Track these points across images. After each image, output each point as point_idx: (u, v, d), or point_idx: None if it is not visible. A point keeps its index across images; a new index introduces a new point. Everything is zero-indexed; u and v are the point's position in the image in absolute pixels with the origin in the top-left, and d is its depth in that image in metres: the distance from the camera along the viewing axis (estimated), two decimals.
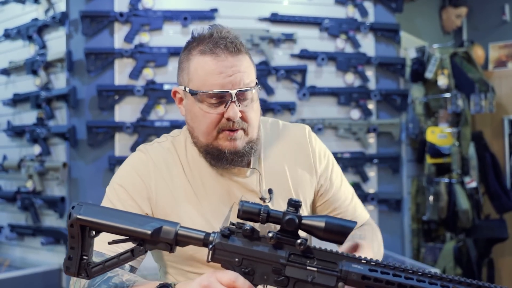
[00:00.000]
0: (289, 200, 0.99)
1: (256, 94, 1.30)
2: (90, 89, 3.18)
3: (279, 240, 0.99)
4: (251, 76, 1.27)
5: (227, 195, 1.31)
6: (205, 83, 1.23)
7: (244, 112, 1.25)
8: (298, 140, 1.42)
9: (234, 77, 1.22)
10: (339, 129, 3.43)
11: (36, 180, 3.31)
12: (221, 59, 1.23)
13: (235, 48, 1.24)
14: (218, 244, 1.00)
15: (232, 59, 1.23)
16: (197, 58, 1.25)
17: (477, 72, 3.95)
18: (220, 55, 1.23)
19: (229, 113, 1.22)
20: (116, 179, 1.32)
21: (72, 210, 1.03)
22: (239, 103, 1.24)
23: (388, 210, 3.54)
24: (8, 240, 3.54)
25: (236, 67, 1.23)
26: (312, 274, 0.98)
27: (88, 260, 1.04)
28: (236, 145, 1.26)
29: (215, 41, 1.24)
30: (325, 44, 3.49)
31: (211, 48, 1.23)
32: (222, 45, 1.23)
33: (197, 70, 1.25)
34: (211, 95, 1.23)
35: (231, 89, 1.22)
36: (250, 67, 1.28)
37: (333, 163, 1.47)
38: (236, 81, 1.23)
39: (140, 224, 1.02)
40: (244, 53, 1.27)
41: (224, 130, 1.25)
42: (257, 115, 1.31)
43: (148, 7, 3.21)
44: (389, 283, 0.94)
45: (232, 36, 1.26)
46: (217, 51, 1.23)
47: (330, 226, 0.97)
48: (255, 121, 1.29)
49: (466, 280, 0.94)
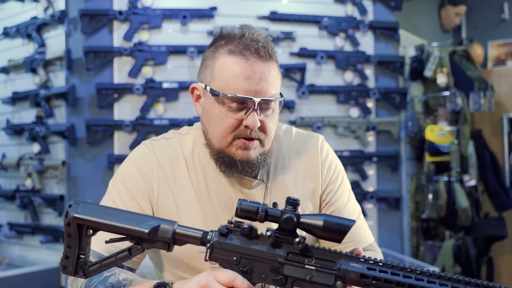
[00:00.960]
0: (287, 199, 0.98)
1: (278, 106, 1.25)
2: (89, 88, 3.17)
3: (277, 239, 0.98)
4: (277, 87, 1.22)
5: (230, 204, 1.28)
6: (229, 86, 1.18)
7: (264, 122, 1.20)
8: (309, 152, 1.37)
9: (260, 85, 1.18)
10: (338, 127, 3.43)
11: (35, 178, 3.31)
12: (250, 63, 1.17)
13: (267, 53, 1.19)
14: (216, 243, 1.00)
15: (262, 65, 1.18)
16: (225, 57, 1.19)
17: (476, 70, 3.95)
18: (250, 58, 1.17)
19: (248, 120, 1.18)
20: (119, 176, 1.29)
21: (69, 209, 1.02)
22: (260, 112, 1.19)
23: (387, 208, 3.55)
24: (7, 238, 3.53)
25: (264, 74, 1.18)
26: (311, 273, 0.97)
27: (85, 259, 1.03)
28: (249, 155, 1.21)
29: (247, 43, 1.18)
30: (324, 43, 3.49)
31: (241, 49, 1.18)
32: (253, 48, 1.18)
33: (223, 71, 1.19)
34: (233, 99, 1.18)
35: (255, 97, 1.17)
36: (277, 77, 1.23)
37: (343, 179, 1.39)
38: (262, 90, 1.18)
39: (138, 222, 1.01)
40: (274, 61, 1.22)
41: (240, 137, 1.20)
42: (275, 126, 1.27)
43: (147, 6, 3.21)
44: (388, 282, 0.94)
45: (264, 40, 1.21)
46: (247, 53, 1.17)
47: (329, 225, 0.96)
48: (273, 133, 1.25)
49: (464, 278, 0.93)
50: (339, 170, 1.39)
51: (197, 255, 1.23)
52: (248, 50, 1.18)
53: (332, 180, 1.36)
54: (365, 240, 1.35)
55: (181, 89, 3.20)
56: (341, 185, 1.38)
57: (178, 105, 3.23)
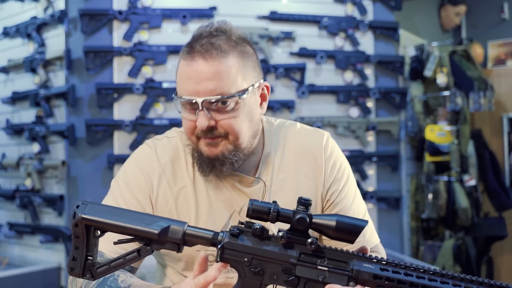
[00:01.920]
0: (299, 199, 0.97)
1: (246, 101, 1.20)
2: (89, 87, 3.17)
3: (289, 240, 0.97)
4: (229, 82, 1.16)
5: (229, 203, 1.27)
6: (180, 88, 1.19)
7: (220, 121, 1.17)
8: (313, 149, 1.34)
9: (202, 85, 1.15)
10: (338, 127, 3.43)
11: (35, 178, 3.31)
12: (192, 63, 1.16)
13: (213, 49, 1.15)
14: (227, 244, 0.98)
15: (203, 64, 1.15)
16: (180, 61, 1.20)
17: (476, 70, 3.95)
18: (194, 58, 1.16)
19: (197, 122, 1.17)
20: (122, 175, 1.30)
21: (77, 209, 1.00)
22: (210, 111, 1.17)
23: (387, 208, 3.55)
24: (7, 238, 3.53)
25: (206, 74, 1.15)
26: (323, 273, 0.96)
27: (93, 261, 1.01)
28: (215, 151, 1.20)
29: (195, 43, 1.17)
30: (324, 42, 3.49)
31: (189, 50, 1.17)
32: (198, 46, 1.16)
33: (178, 75, 1.21)
34: (182, 102, 1.18)
35: (198, 97, 1.15)
36: (229, 72, 1.16)
37: (348, 178, 1.35)
38: (205, 89, 1.15)
39: (147, 223, 1.00)
40: (227, 55, 1.17)
41: (200, 137, 1.20)
42: (243, 122, 1.20)
43: (147, 5, 3.20)
44: (401, 282, 0.93)
45: (219, 35, 1.18)
46: (192, 53, 1.16)
47: (341, 225, 0.95)
48: (238, 129, 1.19)
49: (478, 279, 0.93)
50: (344, 168, 1.36)
51: (195, 254, 1.24)
52: (194, 48, 1.16)
53: (336, 179, 1.33)
54: (370, 241, 1.31)
55: None
56: (346, 184, 1.34)
57: None
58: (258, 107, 1.26)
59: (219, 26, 1.21)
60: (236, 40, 1.21)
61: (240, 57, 1.19)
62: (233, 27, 1.23)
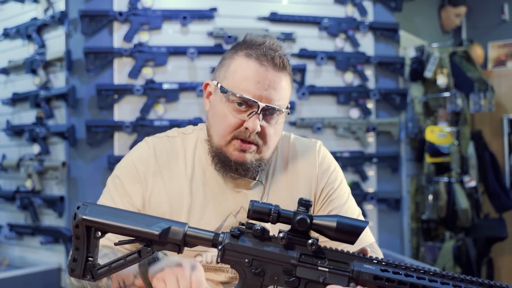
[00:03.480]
0: (299, 200, 0.98)
1: (283, 118, 1.28)
2: (89, 88, 3.17)
3: (290, 240, 0.98)
4: (285, 99, 1.25)
5: (226, 203, 1.29)
6: (239, 86, 1.22)
7: (264, 128, 1.23)
8: (307, 155, 1.39)
9: (268, 92, 1.21)
10: (339, 128, 3.43)
11: (35, 179, 3.31)
12: (264, 69, 1.21)
13: (281, 63, 1.23)
14: (227, 245, 0.99)
15: (274, 74, 1.22)
16: (241, 59, 1.24)
17: (476, 71, 3.95)
18: (264, 64, 1.22)
19: (249, 123, 1.21)
20: (117, 171, 1.33)
21: (78, 211, 1.00)
22: (263, 118, 1.22)
23: (387, 209, 3.54)
24: (7, 239, 3.53)
25: (274, 83, 1.22)
26: (324, 274, 0.97)
27: (93, 262, 1.02)
28: (245, 157, 1.24)
29: (265, 50, 1.22)
30: (324, 43, 3.49)
31: (258, 55, 1.22)
32: (269, 56, 1.22)
33: (236, 71, 1.24)
34: (239, 99, 1.21)
35: (261, 101, 1.21)
36: (287, 89, 1.26)
37: (341, 181, 1.40)
38: (269, 96, 1.21)
39: (148, 224, 1.00)
40: (288, 73, 1.26)
41: (238, 138, 1.23)
42: (277, 137, 1.29)
43: (147, 6, 3.20)
44: (401, 283, 0.93)
45: (282, 51, 1.25)
46: (262, 59, 1.22)
47: (342, 226, 0.96)
48: (272, 142, 1.27)
49: (478, 279, 0.93)
50: (337, 172, 1.40)
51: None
52: (264, 56, 1.22)
53: (330, 181, 1.37)
54: (365, 240, 1.33)
55: (181, 90, 3.20)
56: (340, 186, 1.39)
57: (178, 106, 3.23)
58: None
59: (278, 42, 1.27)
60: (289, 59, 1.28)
61: (292, 78, 1.30)
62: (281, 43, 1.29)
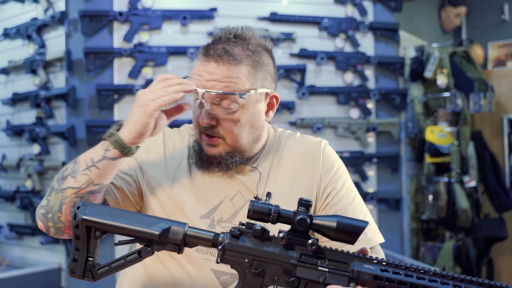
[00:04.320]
0: (299, 200, 0.98)
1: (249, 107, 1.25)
2: (89, 89, 3.17)
3: (290, 241, 0.98)
4: (233, 86, 1.22)
5: (222, 185, 1.30)
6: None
7: (221, 120, 1.24)
8: (311, 152, 1.37)
9: (210, 83, 1.22)
10: (339, 128, 3.43)
11: (35, 179, 3.31)
12: (205, 64, 1.24)
13: (225, 55, 1.22)
14: (227, 245, 0.99)
15: (214, 66, 1.22)
16: (197, 60, 1.29)
17: (476, 71, 3.95)
18: (208, 60, 1.23)
19: (199, 117, 1.24)
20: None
21: (77, 211, 1.01)
22: (214, 110, 1.23)
23: (387, 209, 3.54)
24: (7, 239, 3.53)
25: (214, 75, 1.22)
26: (324, 274, 0.97)
27: (93, 262, 1.02)
28: (213, 151, 1.26)
29: (210, 45, 1.25)
30: (324, 44, 3.49)
31: (205, 52, 1.25)
32: (211, 51, 1.24)
33: (193, 72, 1.27)
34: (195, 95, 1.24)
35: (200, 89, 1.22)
36: (238, 78, 1.23)
37: (346, 180, 1.38)
38: (210, 86, 1.21)
39: (148, 224, 1.01)
40: (238, 63, 1.23)
41: (202, 132, 1.26)
42: (245, 128, 1.26)
43: (147, 7, 3.20)
44: (401, 283, 0.93)
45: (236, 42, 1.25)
46: (207, 55, 1.24)
47: (342, 226, 0.96)
48: (239, 134, 1.25)
49: (478, 279, 0.93)
50: (341, 171, 1.38)
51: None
52: (209, 51, 1.24)
53: (333, 180, 1.35)
54: (372, 240, 1.31)
55: None
56: (345, 185, 1.36)
57: None
58: (262, 114, 1.31)
59: (239, 32, 1.27)
60: (253, 48, 1.27)
61: (252, 67, 1.25)
62: (255, 34, 1.30)
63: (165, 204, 1.28)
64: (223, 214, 1.28)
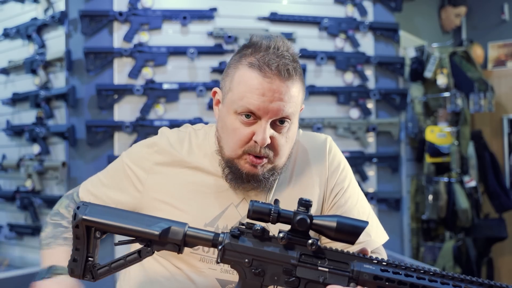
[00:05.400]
0: (299, 200, 0.98)
1: (296, 123, 1.24)
2: (89, 89, 3.17)
3: (290, 241, 0.98)
4: (294, 106, 1.20)
5: (227, 192, 1.28)
6: (244, 99, 1.17)
7: (275, 139, 1.19)
8: (316, 151, 1.36)
9: (274, 103, 1.15)
10: (339, 128, 3.43)
11: (35, 179, 3.30)
12: (268, 80, 1.15)
13: (287, 72, 1.16)
14: (227, 245, 0.99)
15: (279, 84, 1.16)
16: (245, 70, 1.18)
17: (476, 71, 3.95)
18: (268, 75, 1.15)
19: (258, 136, 1.16)
20: (125, 153, 1.39)
21: (78, 211, 1.01)
22: (273, 128, 1.18)
23: (387, 209, 3.54)
24: (7, 239, 3.53)
25: (280, 93, 1.16)
26: (324, 274, 0.97)
27: (93, 262, 1.02)
28: (256, 171, 1.20)
29: (268, 59, 1.16)
30: (324, 44, 3.49)
31: (261, 64, 1.16)
32: (273, 66, 1.15)
33: (240, 83, 1.18)
34: (247, 111, 1.17)
35: (267, 115, 1.16)
36: (296, 96, 1.21)
37: (351, 179, 1.37)
38: (275, 108, 1.16)
39: (148, 224, 1.01)
40: (296, 79, 1.20)
41: (250, 153, 1.19)
42: (289, 145, 1.24)
43: (147, 7, 3.20)
44: (401, 283, 0.93)
45: (289, 57, 1.19)
46: (266, 70, 1.15)
47: (342, 226, 0.96)
48: (284, 151, 1.22)
49: (478, 279, 0.93)
50: (347, 170, 1.38)
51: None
52: (268, 66, 1.15)
53: (339, 181, 1.34)
54: (376, 241, 1.31)
55: (181, 90, 3.20)
56: (350, 185, 1.35)
57: (178, 106, 3.23)
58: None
59: (285, 44, 1.21)
60: (298, 62, 1.23)
61: (302, 81, 1.25)
62: (291, 45, 1.24)
63: (169, 215, 1.26)
64: (228, 222, 1.25)
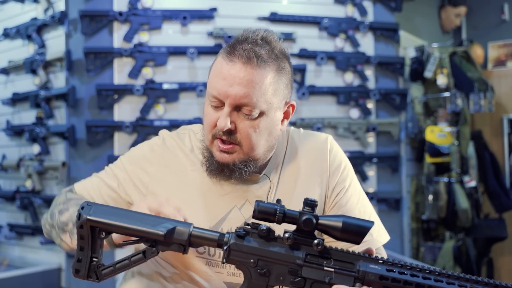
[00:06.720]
0: (305, 200, 0.98)
1: (270, 116, 1.21)
2: (89, 89, 3.17)
3: (296, 241, 0.98)
4: (261, 95, 1.17)
5: (230, 195, 1.28)
6: (211, 84, 1.20)
7: (239, 127, 1.19)
8: (318, 151, 1.35)
9: (234, 88, 1.16)
10: (339, 128, 3.43)
11: (35, 179, 3.30)
12: (231, 64, 1.17)
13: (255, 58, 1.16)
14: (233, 245, 0.99)
15: (241, 68, 1.16)
16: (219, 57, 1.22)
17: (476, 71, 3.95)
18: (233, 60, 1.17)
19: (219, 120, 1.18)
20: (126, 153, 1.41)
21: (82, 211, 1.00)
22: (233, 115, 1.18)
23: (387, 209, 3.54)
24: (7, 239, 3.53)
25: (240, 79, 1.16)
26: (329, 274, 0.97)
27: (98, 262, 1.02)
28: (226, 158, 1.21)
29: (239, 46, 1.18)
30: (324, 44, 3.49)
31: (230, 50, 1.18)
32: (240, 50, 1.17)
33: (212, 68, 1.22)
34: (212, 97, 1.19)
35: (226, 99, 1.17)
36: (266, 85, 1.18)
37: (352, 178, 1.37)
38: (233, 93, 1.16)
39: (153, 224, 1.00)
40: (268, 69, 1.18)
41: (217, 137, 1.20)
42: (262, 137, 1.22)
43: (147, 7, 3.20)
44: (407, 283, 0.93)
45: (264, 46, 1.19)
46: (233, 55, 1.17)
47: (347, 226, 0.96)
48: (256, 142, 1.21)
49: (483, 279, 0.93)
50: (348, 169, 1.38)
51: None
52: (235, 51, 1.18)
53: (341, 180, 1.34)
54: (378, 241, 1.31)
55: (181, 90, 3.20)
56: (351, 184, 1.36)
57: (178, 106, 3.22)
58: (280, 123, 1.27)
59: (265, 35, 1.22)
60: (278, 54, 1.22)
61: (277, 72, 1.21)
62: (277, 39, 1.25)
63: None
64: (232, 225, 1.25)
